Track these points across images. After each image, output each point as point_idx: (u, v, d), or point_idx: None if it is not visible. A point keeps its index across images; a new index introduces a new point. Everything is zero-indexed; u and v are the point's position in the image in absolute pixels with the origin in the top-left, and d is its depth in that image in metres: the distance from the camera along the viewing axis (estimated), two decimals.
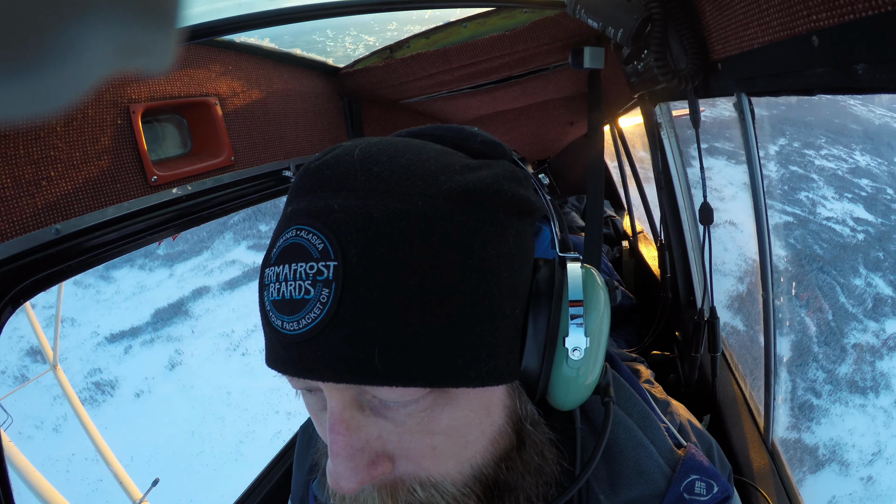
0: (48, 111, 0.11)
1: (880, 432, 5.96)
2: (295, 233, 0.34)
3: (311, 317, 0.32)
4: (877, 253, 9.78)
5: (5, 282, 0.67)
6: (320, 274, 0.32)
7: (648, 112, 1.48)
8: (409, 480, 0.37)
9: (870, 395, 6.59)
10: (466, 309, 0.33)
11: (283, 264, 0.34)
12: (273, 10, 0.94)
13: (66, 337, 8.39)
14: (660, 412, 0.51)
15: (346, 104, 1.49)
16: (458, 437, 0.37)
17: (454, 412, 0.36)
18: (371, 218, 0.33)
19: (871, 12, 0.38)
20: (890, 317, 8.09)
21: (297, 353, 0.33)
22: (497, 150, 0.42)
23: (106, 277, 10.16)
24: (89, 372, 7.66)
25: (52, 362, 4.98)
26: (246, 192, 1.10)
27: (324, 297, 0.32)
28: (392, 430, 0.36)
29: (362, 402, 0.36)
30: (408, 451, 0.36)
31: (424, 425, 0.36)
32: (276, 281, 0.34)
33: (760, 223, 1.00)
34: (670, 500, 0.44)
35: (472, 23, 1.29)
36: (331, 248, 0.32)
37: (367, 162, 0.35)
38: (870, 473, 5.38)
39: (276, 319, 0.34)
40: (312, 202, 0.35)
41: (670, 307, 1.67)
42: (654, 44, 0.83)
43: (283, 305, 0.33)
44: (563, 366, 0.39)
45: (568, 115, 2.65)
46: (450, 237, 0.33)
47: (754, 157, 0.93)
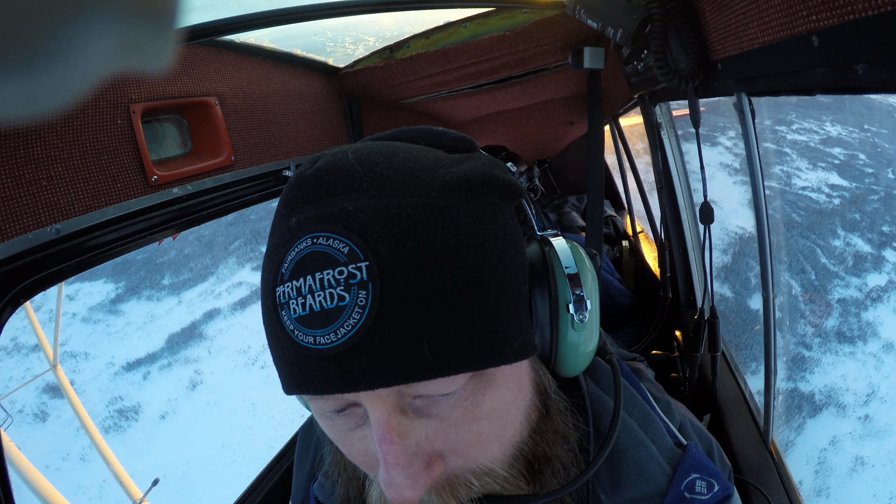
0: (48, 110, 0.11)
1: (872, 375, 6.33)
2: (310, 242, 0.32)
3: (350, 323, 0.31)
4: (853, 215, 10.20)
5: (5, 282, 0.67)
6: (353, 277, 0.31)
7: (648, 112, 1.48)
8: (463, 474, 0.38)
9: (858, 344, 6.97)
10: (493, 288, 0.34)
11: (304, 276, 0.32)
12: (273, 10, 0.94)
13: (82, 371, 8.54)
14: (660, 411, 0.51)
15: (346, 104, 1.49)
16: (500, 418, 0.38)
17: (495, 393, 0.36)
18: (390, 214, 0.33)
19: (871, 12, 0.38)
20: (871, 271, 8.53)
21: (338, 366, 0.31)
22: (469, 144, 0.43)
23: (114, 311, 10.33)
24: (110, 401, 7.78)
25: (52, 362, 4.97)
26: (246, 192, 1.10)
27: (361, 299, 0.31)
28: (438, 428, 0.36)
29: (404, 406, 0.35)
30: (456, 444, 0.36)
31: (469, 413, 0.36)
32: (297, 296, 0.32)
33: (760, 223, 1.00)
34: (671, 499, 0.44)
35: (472, 23, 1.29)
36: (358, 250, 0.31)
37: (366, 163, 0.35)
38: (866, 413, 5.74)
39: (304, 336, 0.32)
40: (322, 209, 0.33)
41: (670, 307, 1.67)
42: (654, 44, 0.83)
43: (312, 319, 0.32)
44: (570, 332, 0.41)
45: (568, 115, 2.65)
46: (465, 223, 0.34)
47: (754, 156, 0.93)
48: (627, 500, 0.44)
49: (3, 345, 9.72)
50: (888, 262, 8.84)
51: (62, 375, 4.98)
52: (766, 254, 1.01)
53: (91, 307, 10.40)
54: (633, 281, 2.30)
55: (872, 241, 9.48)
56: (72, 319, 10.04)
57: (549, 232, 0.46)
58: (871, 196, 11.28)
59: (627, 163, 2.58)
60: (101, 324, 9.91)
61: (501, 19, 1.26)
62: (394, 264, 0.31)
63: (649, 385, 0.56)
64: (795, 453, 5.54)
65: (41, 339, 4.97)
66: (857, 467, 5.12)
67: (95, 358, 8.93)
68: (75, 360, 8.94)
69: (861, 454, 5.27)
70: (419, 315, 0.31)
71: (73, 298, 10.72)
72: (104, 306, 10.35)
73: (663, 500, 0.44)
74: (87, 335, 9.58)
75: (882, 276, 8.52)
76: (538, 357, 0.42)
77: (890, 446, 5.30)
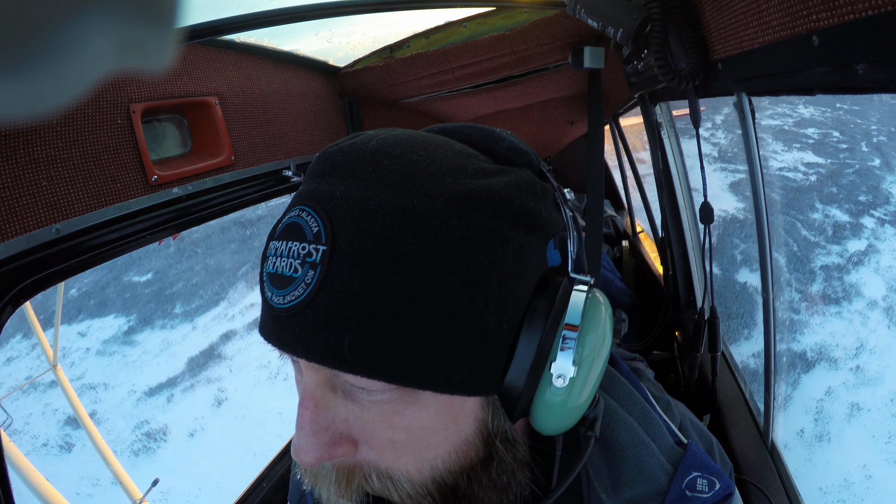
0: (48, 110, 0.11)
1: (859, 330, 6.75)
2: (298, 212, 0.35)
3: (294, 294, 0.33)
4: (830, 189, 10.67)
5: (5, 282, 0.67)
6: (310, 256, 0.33)
7: (648, 112, 1.48)
8: (368, 468, 0.38)
9: (843, 304, 7.38)
10: (445, 315, 0.33)
11: (283, 240, 0.35)
12: (273, 10, 0.94)
13: (103, 401, 8.69)
14: (660, 410, 0.51)
15: (346, 104, 1.49)
16: (420, 437, 0.37)
17: (418, 412, 0.36)
18: (367, 209, 0.33)
19: (871, 12, 0.38)
20: (850, 238, 8.97)
21: (280, 326, 0.35)
22: (522, 158, 0.41)
23: (129, 343, 10.44)
24: (136, 426, 7.90)
25: (52, 362, 4.97)
26: (246, 192, 1.10)
27: (308, 278, 0.33)
28: (359, 416, 0.37)
29: (336, 383, 0.37)
30: (370, 439, 0.37)
31: (387, 418, 0.36)
32: (274, 255, 0.35)
33: (761, 223, 1.00)
34: (672, 498, 0.44)
35: (472, 23, 1.29)
36: (324, 233, 0.33)
37: (378, 153, 0.36)
38: (857, 364, 6.13)
39: (267, 291, 0.35)
40: (319, 185, 0.36)
41: (670, 306, 1.67)
42: (654, 43, 0.83)
43: (274, 279, 0.35)
44: (546, 391, 0.37)
45: (568, 114, 2.65)
46: (441, 240, 0.33)
47: (754, 156, 0.93)
48: (628, 499, 0.44)
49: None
50: (866, 228, 9.27)
51: (62, 375, 4.98)
52: (766, 254, 1.01)
53: (104, 341, 10.56)
54: (633, 280, 2.30)
55: (850, 211, 9.90)
56: (86, 354, 10.20)
57: (582, 277, 0.41)
58: (847, 170, 11.69)
59: (627, 163, 2.58)
60: (117, 355, 10.08)
61: (501, 19, 1.26)
62: (345, 256, 0.33)
63: (649, 384, 0.56)
64: (794, 405, 5.78)
65: (41, 340, 4.97)
66: (854, 412, 5.48)
67: (115, 388, 9.08)
68: (94, 391, 9.10)
69: (856, 401, 5.62)
70: (349, 311, 0.32)
71: (84, 335, 10.88)
72: (118, 339, 10.54)
73: (664, 499, 0.44)
74: (104, 367, 9.76)
75: (861, 241, 8.93)
76: (502, 402, 0.39)
77: (883, 391, 5.65)
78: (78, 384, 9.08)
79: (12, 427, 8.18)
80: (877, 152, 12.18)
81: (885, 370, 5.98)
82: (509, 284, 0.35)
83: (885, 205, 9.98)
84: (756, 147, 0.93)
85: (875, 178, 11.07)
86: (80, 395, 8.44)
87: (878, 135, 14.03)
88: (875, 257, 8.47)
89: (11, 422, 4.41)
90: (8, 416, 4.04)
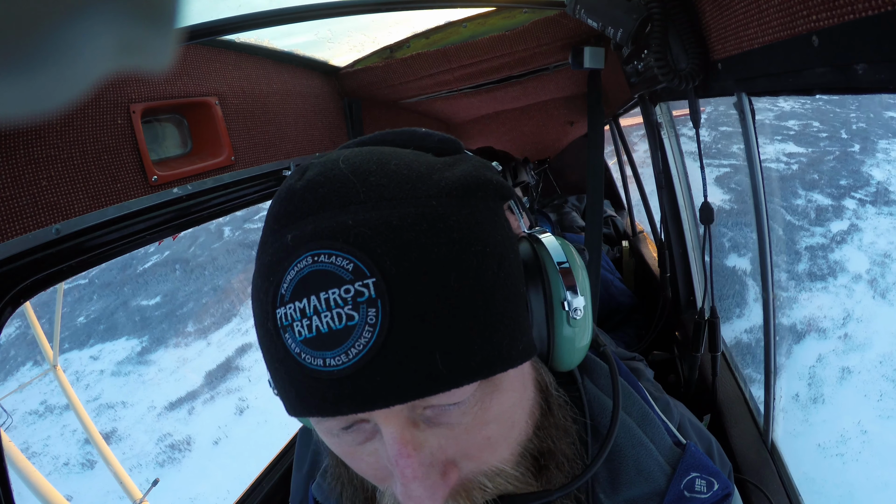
0: (48, 110, 0.11)
1: (845, 302, 7.18)
2: (311, 260, 0.31)
3: (361, 342, 0.30)
4: (812, 175, 11.12)
5: (5, 282, 0.67)
6: (360, 295, 0.30)
7: (648, 112, 1.48)
8: (476, 478, 0.38)
9: (829, 279, 7.82)
10: (497, 294, 0.34)
11: (307, 297, 0.31)
12: (273, 10, 0.94)
13: (123, 418, 8.82)
14: (659, 411, 0.51)
15: (346, 104, 1.49)
16: (507, 420, 0.38)
17: (501, 397, 0.37)
18: (392, 226, 0.32)
19: (871, 12, 0.38)
20: (833, 219, 9.39)
21: (351, 386, 0.31)
22: (455, 146, 0.43)
23: (144, 362, 10.63)
24: (159, 438, 8.04)
25: (52, 362, 4.97)
26: (246, 192, 1.10)
27: (371, 317, 0.30)
28: (449, 435, 0.36)
29: (415, 418, 0.35)
30: (467, 449, 0.36)
31: (478, 418, 0.36)
32: (302, 318, 0.31)
33: (761, 223, 1.00)
34: (671, 499, 0.44)
35: (472, 23, 1.29)
36: (363, 266, 0.30)
37: (360, 172, 0.34)
38: (845, 332, 6.58)
39: (312, 359, 0.31)
40: (319, 224, 0.32)
41: (670, 307, 1.67)
42: (654, 44, 0.83)
43: (320, 341, 0.31)
44: (566, 328, 0.41)
45: (568, 115, 2.65)
46: (465, 230, 0.34)
47: (754, 157, 0.93)
48: (627, 499, 0.44)
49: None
50: (848, 209, 9.67)
51: (62, 375, 4.98)
52: (766, 254, 1.01)
53: (118, 362, 10.71)
54: (633, 281, 2.30)
55: (832, 195, 10.30)
56: (100, 376, 10.32)
57: (538, 229, 0.46)
58: (828, 157, 12.06)
59: (628, 162, 2.58)
60: (133, 375, 10.24)
61: (501, 19, 1.26)
62: (401, 279, 0.31)
63: (648, 385, 0.56)
64: (787, 373, 6.08)
65: (41, 340, 4.97)
66: (845, 376, 5.91)
67: (134, 405, 9.21)
68: (113, 409, 9.25)
69: (846, 365, 6.04)
70: (430, 329, 0.31)
71: (96, 358, 11.02)
72: (132, 360, 10.68)
73: (663, 499, 0.44)
74: (120, 387, 9.89)
75: (844, 221, 9.34)
76: (537, 355, 0.42)
77: (872, 355, 6.06)
78: (95, 404, 9.30)
79: (31, 450, 8.42)
80: (857, 138, 12.51)
81: (872, 336, 6.42)
82: (515, 249, 0.38)
83: (865, 186, 10.42)
84: (756, 147, 0.93)
85: (855, 162, 11.46)
86: (98, 414, 8.88)
87: (858, 121, 14.31)
88: (857, 235, 8.90)
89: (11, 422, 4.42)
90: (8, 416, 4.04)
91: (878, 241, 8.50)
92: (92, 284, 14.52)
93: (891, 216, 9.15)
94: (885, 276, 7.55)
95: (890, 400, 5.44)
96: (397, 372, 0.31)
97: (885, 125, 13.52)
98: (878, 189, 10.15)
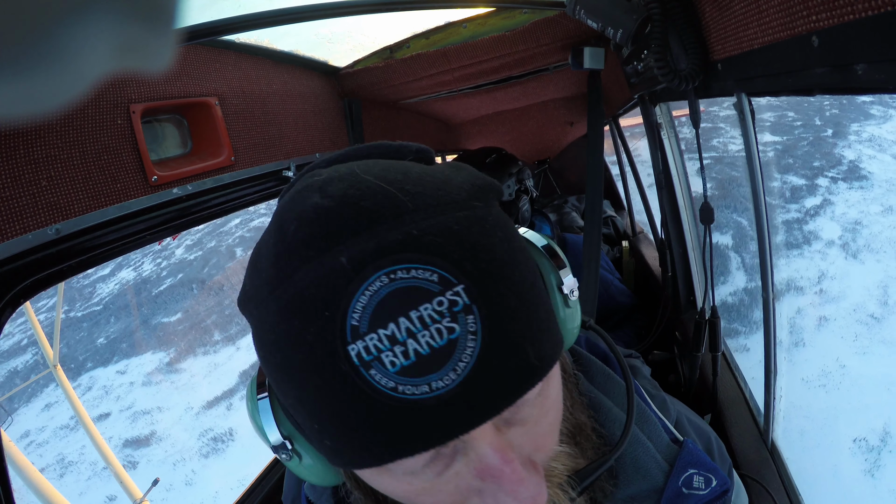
0: (48, 110, 0.11)
1: (819, 264, 7.94)
2: (386, 279, 0.28)
3: (467, 354, 0.28)
4: (787, 160, 11.73)
5: (5, 282, 0.67)
6: (455, 304, 0.28)
7: (648, 112, 1.49)
8: (549, 464, 0.38)
9: (804, 247, 8.51)
10: (537, 283, 0.36)
11: (394, 321, 0.28)
12: (273, 10, 0.94)
13: (159, 421, 9.06)
14: (656, 408, 0.51)
15: (346, 104, 1.49)
16: (558, 404, 0.39)
17: (554, 383, 0.38)
18: (454, 231, 0.30)
19: (871, 12, 0.38)
20: (807, 196, 10.11)
21: (462, 405, 0.28)
22: (431, 155, 0.42)
23: (174, 370, 10.85)
24: (201, 434, 8.34)
25: (52, 362, 4.98)
26: (246, 193, 1.10)
27: (471, 325, 0.28)
28: (522, 432, 0.35)
29: (496, 424, 0.33)
30: (536, 440, 0.36)
31: (542, 407, 0.36)
32: (392, 345, 0.28)
33: (760, 223, 1.00)
34: (669, 496, 0.44)
35: (472, 23, 1.29)
36: (448, 274, 0.29)
37: (392, 182, 0.32)
38: (820, 288, 7.39)
39: (414, 388, 0.28)
40: (382, 238, 0.29)
41: (671, 307, 1.67)
42: (654, 44, 0.83)
43: (422, 365, 0.28)
44: (563, 309, 0.42)
45: (568, 115, 2.65)
46: (504, 229, 0.35)
47: (754, 156, 0.93)
48: (625, 497, 0.45)
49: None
50: (821, 186, 10.37)
51: (62, 375, 4.98)
52: (766, 254, 1.01)
53: (147, 373, 10.95)
54: (633, 281, 2.30)
55: (806, 175, 10.97)
56: (130, 387, 10.57)
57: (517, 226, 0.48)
58: (802, 143, 12.64)
59: (628, 163, 2.58)
60: (165, 382, 10.51)
61: (501, 19, 1.26)
62: (484, 280, 0.30)
63: (644, 382, 0.56)
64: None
65: (41, 340, 4.97)
66: (822, 323, 6.67)
67: (170, 409, 9.44)
68: (149, 415, 9.44)
69: (823, 314, 6.81)
70: (520, 324, 0.31)
71: (123, 373, 11.26)
72: (161, 370, 10.95)
73: (661, 497, 0.44)
74: (153, 395, 10.12)
75: (817, 197, 10.00)
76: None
77: (846, 305, 6.85)
78: (129, 412, 9.53)
79: (67, 459, 8.68)
80: (830, 123, 13.16)
81: (846, 290, 7.19)
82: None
83: (837, 166, 11.09)
84: (756, 148, 0.93)
85: (828, 145, 12.10)
86: (133, 420, 9.19)
87: (831, 108, 14.88)
88: (830, 208, 9.61)
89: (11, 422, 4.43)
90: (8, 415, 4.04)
91: (850, 212, 9.18)
92: (107, 309, 14.84)
93: (861, 189, 9.83)
94: (856, 240, 8.29)
95: (864, 339, 6.17)
96: (502, 375, 0.29)
97: (857, 109, 14.07)
98: (850, 167, 10.79)
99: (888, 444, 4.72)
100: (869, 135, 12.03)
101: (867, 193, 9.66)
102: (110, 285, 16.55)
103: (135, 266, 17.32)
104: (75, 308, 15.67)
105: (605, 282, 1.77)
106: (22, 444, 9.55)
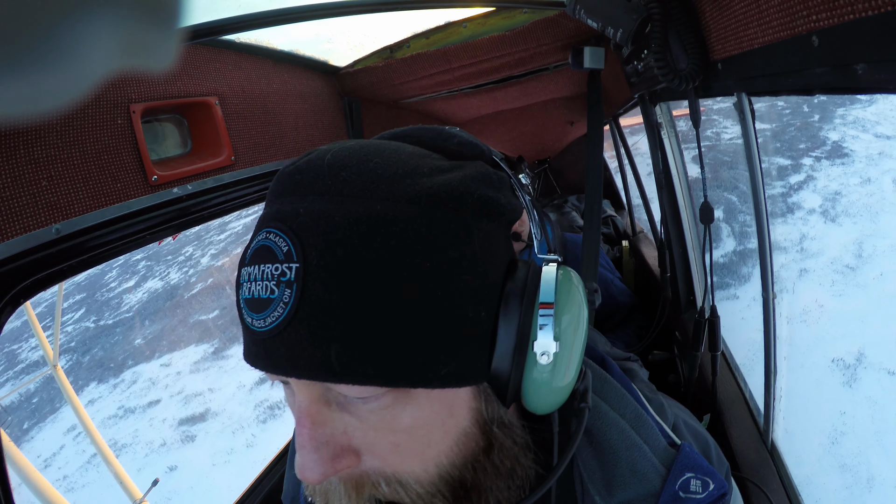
0: (48, 110, 0.11)
1: (801, 228, 8.75)
2: (265, 235, 0.35)
3: (274, 315, 0.34)
4: (774, 144, 12.40)
5: (5, 282, 0.67)
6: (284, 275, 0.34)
7: (648, 112, 1.49)
8: (375, 475, 0.38)
9: (788, 216, 9.27)
10: (424, 311, 0.34)
11: (254, 265, 0.35)
12: (273, 10, 0.94)
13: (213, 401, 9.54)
14: (653, 411, 0.51)
15: (346, 104, 1.49)
16: (421, 436, 0.37)
17: (415, 411, 0.36)
18: (332, 222, 0.34)
19: (871, 12, 0.38)
20: (791, 175, 10.82)
21: (265, 349, 0.35)
22: (474, 151, 0.42)
23: (221, 357, 11.25)
24: (256, 405, 8.85)
25: (53, 362, 4.97)
26: (246, 192, 1.10)
27: (286, 297, 0.33)
28: (357, 426, 0.37)
29: (329, 397, 0.37)
30: (372, 446, 0.37)
31: (386, 423, 0.36)
32: (248, 280, 0.36)
33: (761, 223, 1.00)
34: (666, 499, 0.44)
35: (472, 23, 1.29)
36: (294, 251, 0.34)
37: (335, 166, 0.36)
38: (802, 247, 8.19)
39: (246, 316, 0.36)
40: (282, 206, 0.36)
41: (670, 306, 1.67)
42: (654, 44, 0.83)
43: (252, 304, 0.35)
44: (534, 371, 0.38)
45: (568, 115, 2.65)
46: (410, 240, 0.34)
47: (754, 156, 0.93)
48: (622, 501, 0.44)
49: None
50: (805, 165, 11.11)
51: (62, 375, 4.98)
52: (766, 254, 1.01)
53: (194, 362, 11.32)
54: (633, 281, 2.30)
55: (792, 156, 11.65)
56: (178, 376, 10.95)
57: (551, 257, 0.42)
58: (789, 128, 13.27)
59: (628, 163, 2.58)
60: (213, 368, 10.92)
61: (501, 19, 1.26)
62: (319, 270, 0.33)
63: (641, 385, 0.56)
64: (755, 279, 7.46)
65: (41, 339, 4.97)
66: (803, 275, 7.48)
67: (221, 389, 9.86)
68: (201, 396, 9.83)
69: (804, 267, 7.64)
70: (331, 323, 0.33)
71: (167, 365, 11.63)
72: (207, 358, 11.33)
73: (658, 500, 0.44)
74: (202, 380, 10.53)
75: (801, 174, 10.73)
76: (492, 388, 0.39)
77: (825, 259, 7.67)
78: (180, 397, 9.99)
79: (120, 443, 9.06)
80: (817, 109, 13.79)
81: (824, 248, 8.02)
82: (480, 273, 0.36)
83: (821, 147, 11.84)
84: (756, 147, 0.94)
85: (814, 129, 12.77)
86: (185, 403, 9.67)
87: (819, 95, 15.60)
88: (812, 183, 10.39)
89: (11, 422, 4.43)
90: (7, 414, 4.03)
91: (831, 185, 9.96)
92: (139, 315, 15.23)
93: (842, 165, 10.61)
94: (835, 207, 9.13)
95: (840, 285, 6.99)
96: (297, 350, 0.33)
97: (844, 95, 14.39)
98: (833, 147, 11.48)
99: (862, 363, 5.58)
100: (854, 117, 12.63)
101: (848, 168, 10.44)
102: (138, 294, 17.13)
103: (160, 276, 17.89)
104: (104, 317, 16.19)
105: (606, 281, 1.77)
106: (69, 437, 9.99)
